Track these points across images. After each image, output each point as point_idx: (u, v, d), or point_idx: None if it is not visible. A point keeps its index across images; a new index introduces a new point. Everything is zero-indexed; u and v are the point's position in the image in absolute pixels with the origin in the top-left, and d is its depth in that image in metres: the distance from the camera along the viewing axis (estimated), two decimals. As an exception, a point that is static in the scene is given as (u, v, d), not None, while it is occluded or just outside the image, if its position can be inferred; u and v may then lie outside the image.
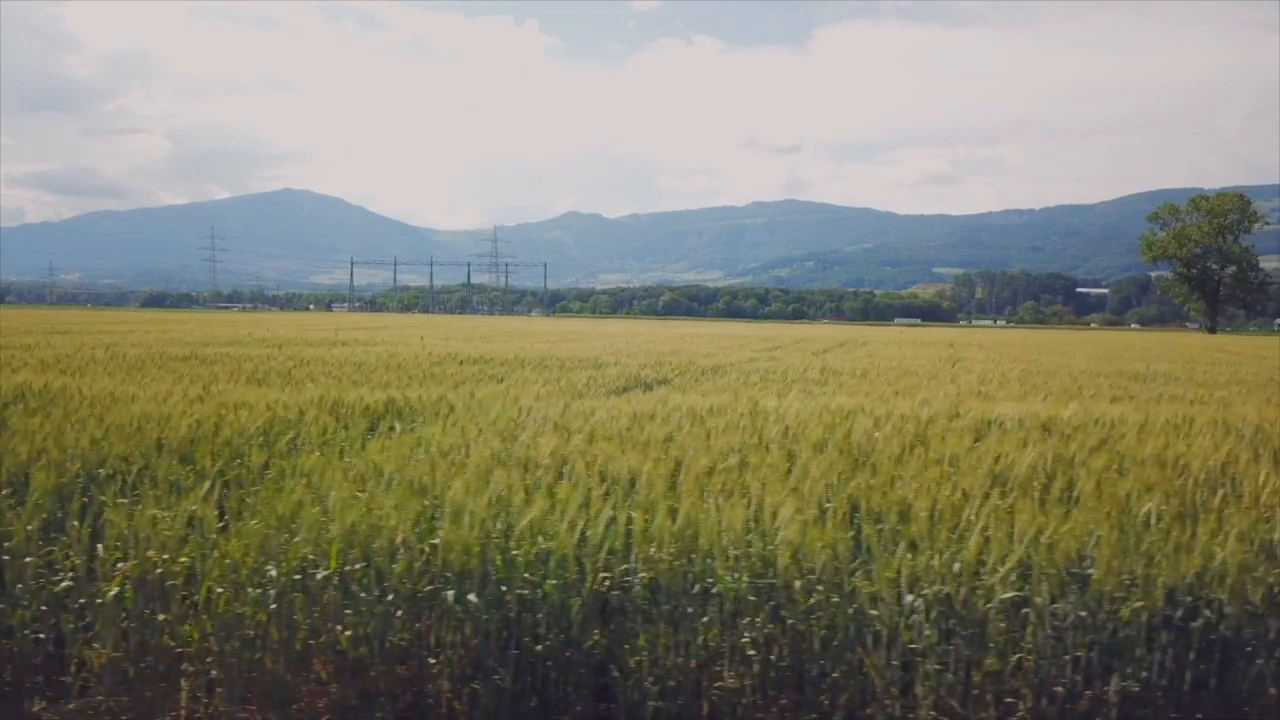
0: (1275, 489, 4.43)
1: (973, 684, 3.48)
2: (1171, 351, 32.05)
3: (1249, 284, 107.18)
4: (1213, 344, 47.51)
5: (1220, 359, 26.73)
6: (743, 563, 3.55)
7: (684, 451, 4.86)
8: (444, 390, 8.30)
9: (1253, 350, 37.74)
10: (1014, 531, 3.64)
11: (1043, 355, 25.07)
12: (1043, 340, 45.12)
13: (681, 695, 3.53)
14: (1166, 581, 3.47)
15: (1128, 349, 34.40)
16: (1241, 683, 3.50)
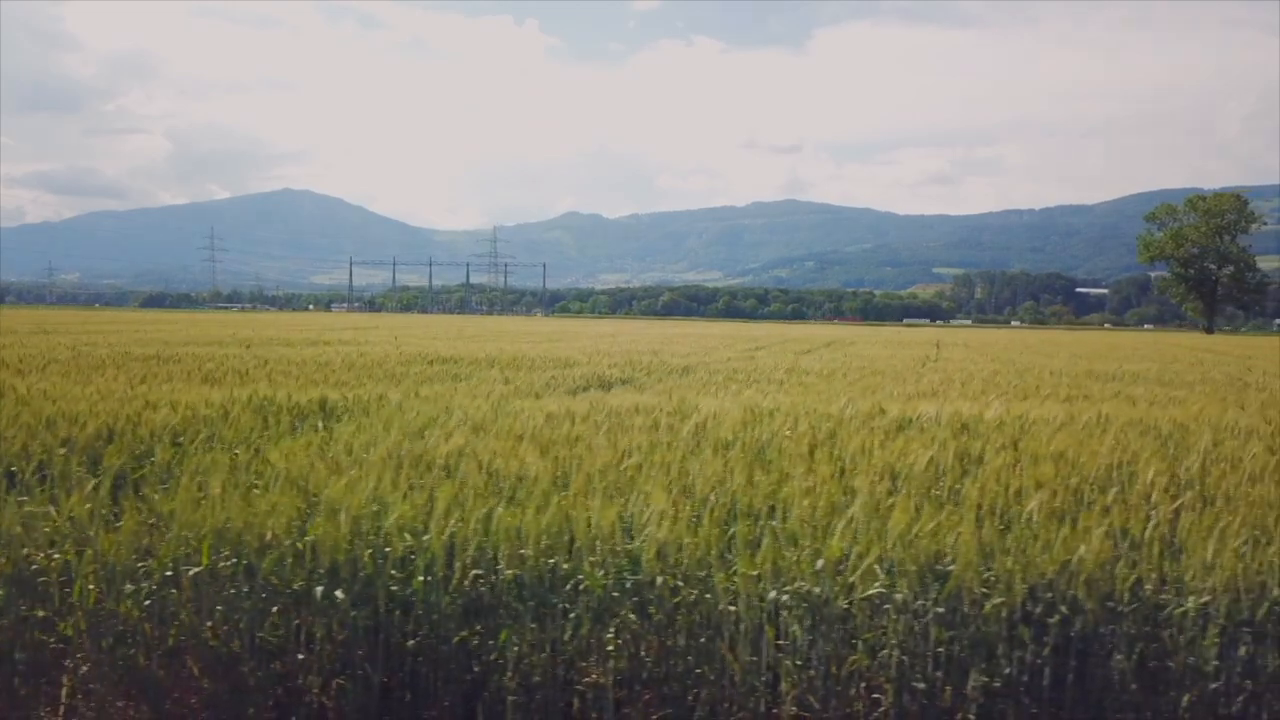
0: (1162, 488, 4.46)
1: (836, 680, 3.51)
2: (1157, 352, 32.06)
3: (1246, 284, 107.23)
4: (1203, 344, 47.52)
5: (1204, 359, 26.74)
6: (609, 560, 3.58)
7: (588, 450, 4.88)
8: (387, 389, 8.33)
9: (1242, 350, 37.75)
10: (885, 529, 3.66)
11: (1025, 355, 25.09)
12: (1033, 340, 45.13)
13: (546, 691, 3.55)
14: (1027, 578, 3.50)
15: (1115, 349, 34.41)
16: (1101, 679, 3.53)
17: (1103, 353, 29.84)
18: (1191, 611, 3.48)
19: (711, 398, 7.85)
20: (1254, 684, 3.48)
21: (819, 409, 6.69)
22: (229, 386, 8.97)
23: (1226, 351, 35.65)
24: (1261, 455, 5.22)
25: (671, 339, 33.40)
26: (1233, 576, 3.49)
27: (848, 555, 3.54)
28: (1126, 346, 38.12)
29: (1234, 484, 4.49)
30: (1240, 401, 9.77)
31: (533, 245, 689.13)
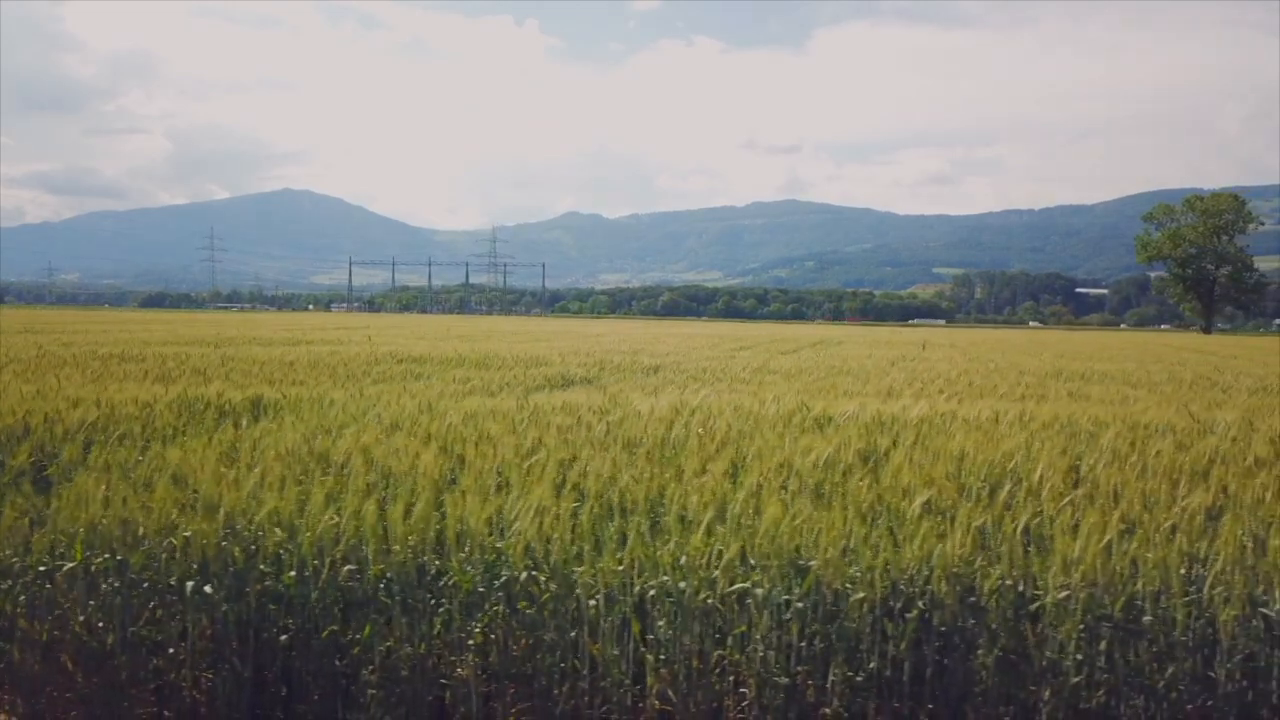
0: (1054, 484, 4.49)
1: (700, 675, 3.54)
2: (1144, 352, 32.09)
3: (1244, 284, 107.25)
4: (1194, 344, 47.53)
5: (1188, 359, 26.76)
6: (477, 556, 3.61)
7: (492, 448, 4.91)
8: (334, 388, 8.36)
9: (1231, 350, 37.77)
10: (755, 524, 3.70)
11: (1007, 355, 25.11)
12: (1024, 340, 45.15)
13: (414, 685, 3.59)
14: (889, 574, 3.53)
15: (1104, 349, 34.44)
16: (963, 673, 3.56)
17: (1088, 353, 29.85)
18: (1050, 606, 3.51)
19: (653, 396, 7.87)
20: (1113, 678, 3.52)
21: (748, 407, 6.71)
22: (180, 385, 8.99)
23: (1214, 351, 35.66)
24: (1167, 452, 5.25)
25: (658, 339, 33.42)
26: (1091, 570, 3.52)
27: (711, 550, 3.57)
28: (1115, 346, 38.14)
29: (1123, 480, 4.52)
30: (1190, 400, 9.80)
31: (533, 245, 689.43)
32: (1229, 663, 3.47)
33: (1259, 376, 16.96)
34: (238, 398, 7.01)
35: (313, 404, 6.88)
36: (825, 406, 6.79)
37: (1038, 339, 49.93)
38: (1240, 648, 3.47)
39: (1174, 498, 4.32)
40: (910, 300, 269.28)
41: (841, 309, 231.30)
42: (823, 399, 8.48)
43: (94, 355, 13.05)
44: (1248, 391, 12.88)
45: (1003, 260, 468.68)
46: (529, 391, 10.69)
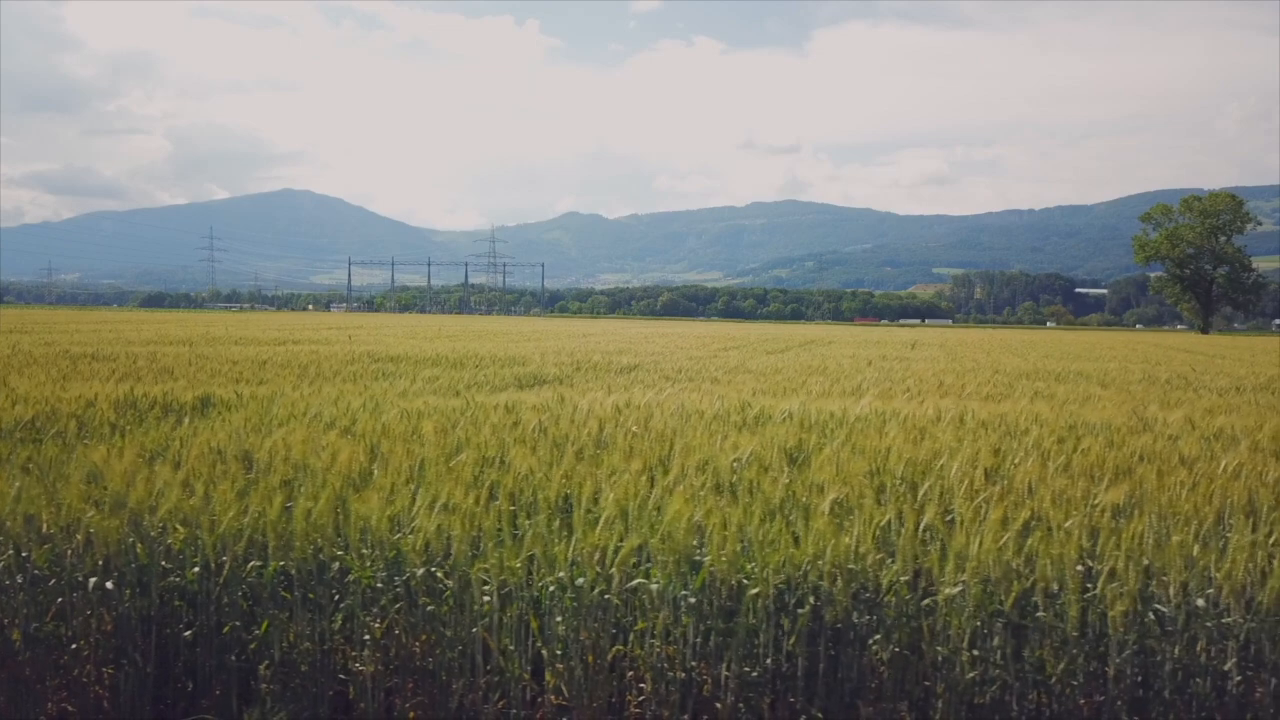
0: (974, 485, 4.52)
1: (597, 670, 3.57)
2: (1132, 352, 32.10)
3: (1242, 284, 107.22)
4: (1186, 344, 47.54)
5: (1173, 358, 26.81)
6: (376, 551, 3.64)
7: (419, 445, 4.94)
8: (293, 387, 8.39)
9: (1221, 350, 37.80)
10: (659, 522, 3.72)
11: (992, 355, 25.15)
12: (1016, 340, 45.18)
13: (315, 680, 3.61)
14: (783, 569, 3.56)
15: (1092, 349, 34.46)
16: (857, 668, 3.59)
17: (1077, 353, 29.88)
18: (942, 602, 3.53)
19: (607, 395, 7.89)
20: (1006, 674, 3.54)
21: (692, 406, 6.74)
22: (136, 384, 9.02)
23: (1204, 351, 35.69)
24: (1096, 450, 5.28)
25: (648, 339, 33.44)
26: (983, 566, 3.55)
27: (607, 547, 3.59)
28: (1105, 346, 38.16)
29: (1040, 477, 4.54)
30: (1153, 399, 9.84)
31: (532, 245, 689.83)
32: (1118, 658, 3.49)
33: (1238, 376, 17.00)
34: (188, 396, 7.04)
35: (261, 402, 6.90)
36: (768, 405, 6.82)
37: (1031, 339, 49.96)
38: (1131, 643, 3.50)
39: (1089, 495, 4.35)
40: (910, 300, 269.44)
41: (841, 309, 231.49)
42: (778, 398, 8.52)
43: (66, 355, 13.08)
44: (1218, 391, 12.92)
45: (1002, 260, 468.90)
46: (495, 390, 10.73)
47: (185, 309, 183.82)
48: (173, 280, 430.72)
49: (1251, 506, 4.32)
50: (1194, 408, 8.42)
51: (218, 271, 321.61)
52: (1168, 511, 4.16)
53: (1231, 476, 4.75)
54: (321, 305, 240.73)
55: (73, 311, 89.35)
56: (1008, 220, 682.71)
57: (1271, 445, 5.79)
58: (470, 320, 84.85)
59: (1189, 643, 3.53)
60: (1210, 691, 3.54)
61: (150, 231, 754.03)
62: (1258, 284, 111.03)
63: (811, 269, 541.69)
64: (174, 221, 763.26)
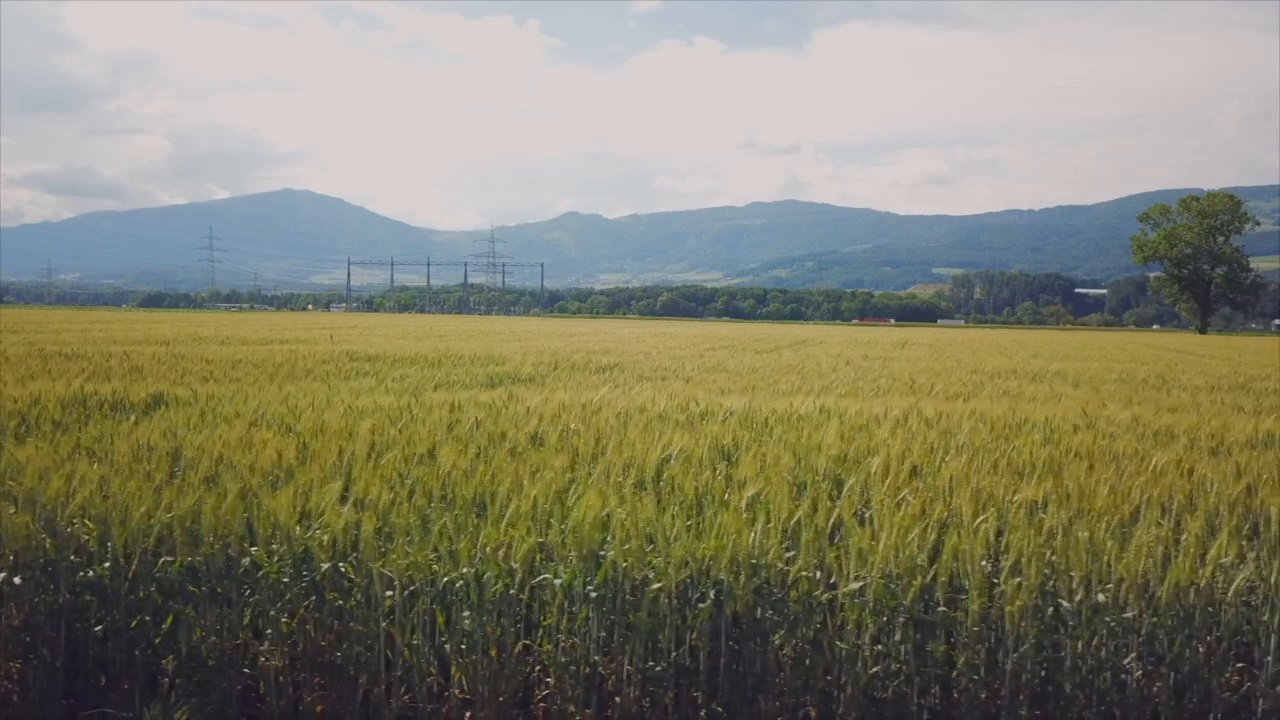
0: (897, 481, 4.54)
1: (502, 664, 3.59)
2: (1121, 352, 32.11)
3: (1240, 284, 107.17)
4: (1178, 344, 47.54)
5: (1161, 357, 26.84)
6: (283, 547, 3.66)
7: (348, 441, 4.97)
8: (255, 386, 8.41)
9: (1211, 350, 37.81)
10: (570, 515, 3.74)
11: (978, 355, 25.16)
12: (1006, 340, 45.19)
13: (222, 674, 3.64)
14: (688, 564, 3.58)
15: (1081, 349, 34.47)
16: (761, 663, 3.61)
17: (1065, 353, 29.88)
18: (842, 597, 3.55)
19: (563, 394, 7.92)
20: (906, 668, 3.56)
21: (643, 403, 6.76)
22: (107, 382, 9.05)
23: (1194, 351, 35.70)
24: (1028, 447, 5.30)
25: (639, 339, 33.47)
26: (885, 562, 3.57)
27: (511, 542, 3.61)
28: (1095, 346, 38.17)
29: (964, 474, 4.56)
30: (1116, 398, 9.85)
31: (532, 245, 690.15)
32: (1015, 653, 3.51)
33: (1217, 375, 17.03)
34: (142, 394, 7.06)
35: (213, 401, 6.92)
36: (716, 403, 6.84)
37: (1025, 339, 49.96)
38: (1032, 638, 3.52)
39: (1009, 491, 4.37)
40: (910, 301, 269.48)
41: (840, 309, 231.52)
42: (739, 396, 8.53)
43: (41, 354, 13.10)
44: (1191, 390, 12.94)
45: (1002, 260, 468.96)
46: (463, 389, 10.74)
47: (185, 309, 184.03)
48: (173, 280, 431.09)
49: (1171, 502, 4.34)
50: (1151, 406, 8.44)
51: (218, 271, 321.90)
52: (1083, 508, 4.18)
53: (1158, 473, 4.77)
54: (321, 305, 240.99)
55: (70, 312, 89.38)
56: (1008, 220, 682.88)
57: (1209, 443, 5.81)
58: (467, 320, 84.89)
59: (1090, 638, 3.55)
60: (1111, 687, 3.57)
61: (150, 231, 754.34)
62: (1256, 284, 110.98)
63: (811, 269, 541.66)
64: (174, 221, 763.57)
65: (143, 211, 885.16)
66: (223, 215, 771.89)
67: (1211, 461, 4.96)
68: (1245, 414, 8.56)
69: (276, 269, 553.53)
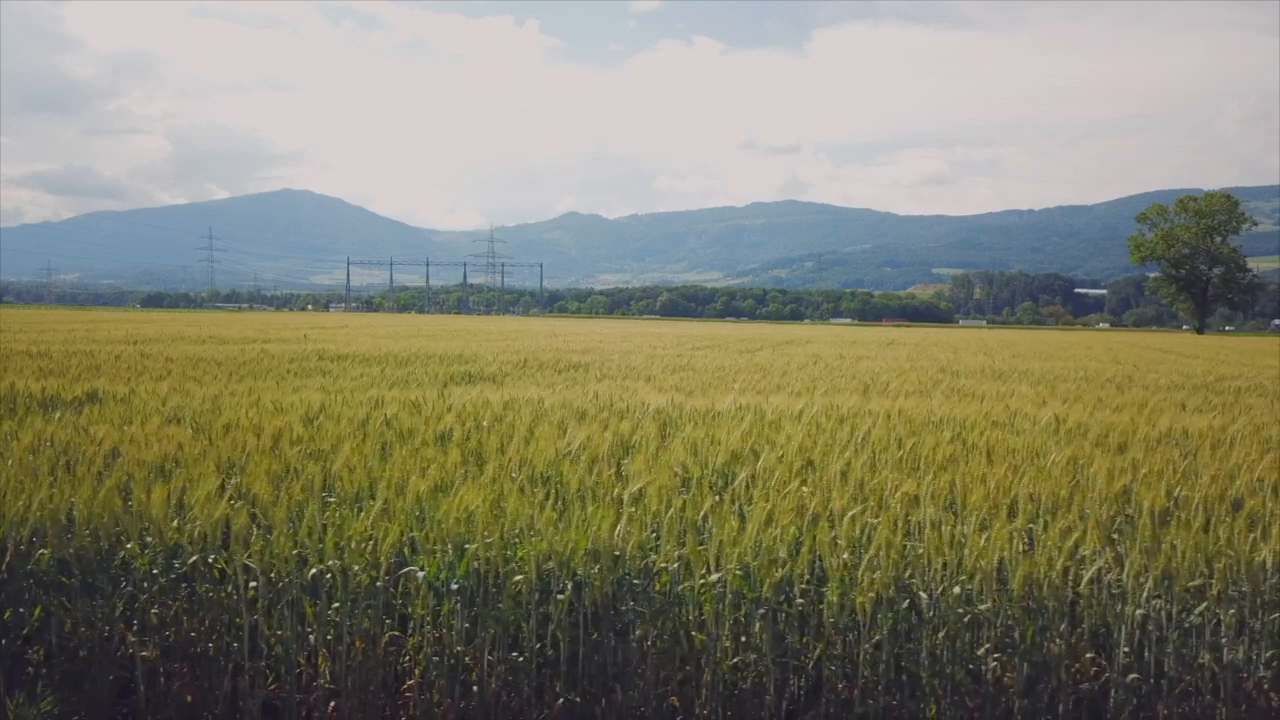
0: (787, 475, 4.59)
1: (371, 654, 3.65)
2: (1105, 353, 32.15)
3: (1237, 284, 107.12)
4: (1169, 344, 47.59)
5: (1139, 358, 26.89)
6: (156, 539, 3.72)
7: (253, 437, 5.02)
8: (206, 385, 8.47)
9: (1199, 350, 37.86)
10: (436, 509, 3.80)
11: (959, 355, 25.21)
12: (995, 339, 45.25)
13: (91, 665, 3.69)
14: (551, 557, 3.63)
15: (1066, 349, 34.53)
16: (623, 654, 3.66)
17: (1049, 352, 29.93)
18: (698, 589, 3.61)
19: (500, 391, 7.99)
20: (764, 659, 3.62)
21: (568, 400, 6.82)
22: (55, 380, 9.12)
23: (1179, 351, 35.74)
24: (934, 444, 5.35)
25: (626, 338, 33.54)
26: (745, 555, 3.62)
27: (377, 534, 3.67)
28: (1082, 346, 38.23)
29: (850, 469, 4.62)
30: (1058, 396, 9.91)
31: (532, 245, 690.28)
32: (868, 644, 3.57)
33: (1189, 375, 17.08)
34: (77, 391, 7.12)
35: (145, 398, 6.98)
36: (639, 401, 6.90)
37: (1016, 339, 50.02)
38: (887, 629, 3.57)
39: (894, 486, 4.43)
40: (909, 301, 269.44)
41: (840, 309, 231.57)
42: (683, 395, 8.59)
43: (3, 354, 13.16)
44: (1154, 388, 12.99)
45: (1002, 260, 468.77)
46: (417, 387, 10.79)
47: (184, 309, 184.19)
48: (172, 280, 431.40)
49: (1053, 498, 4.39)
50: (1090, 405, 8.50)
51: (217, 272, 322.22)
52: (958, 502, 4.24)
53: (1048, 469, 4.82)
54: (321, 305, 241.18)
55: (66, 311, 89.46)
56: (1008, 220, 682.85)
57: (1117, 439, 5.87)
58: (462, 320, 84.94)
59: (946, 630, 3.60)
60: (966, 677, 3.62)
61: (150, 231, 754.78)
62: (1253, 284, 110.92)
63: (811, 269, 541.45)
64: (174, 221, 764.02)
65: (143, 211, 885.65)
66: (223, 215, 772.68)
67: (1107, 457, 5.01)
68: (1186, 412, 8.62)
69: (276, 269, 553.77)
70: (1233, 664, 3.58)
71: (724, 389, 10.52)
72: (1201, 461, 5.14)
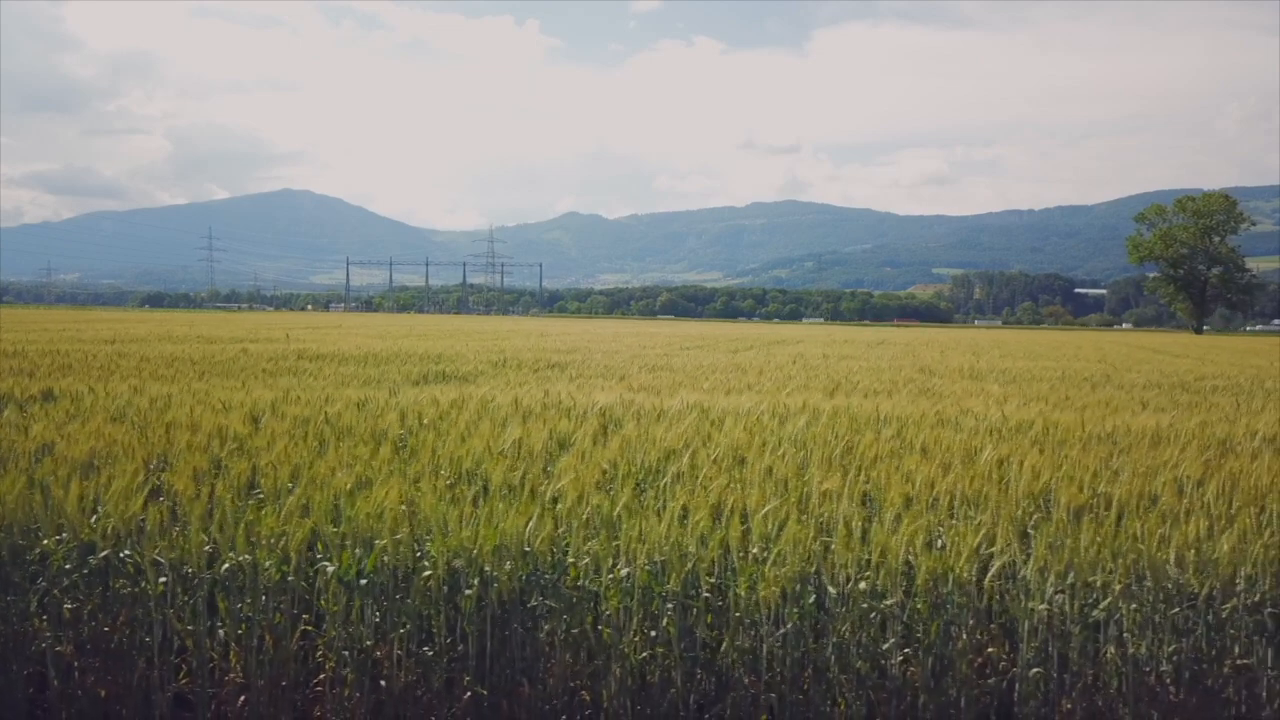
0: (715, 470, 4.62)
1: (279, 649, 3.68)
2: (1092, 352, 32.17)
3: (1236, 284, 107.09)
4: (1161, 344, 47.60)
5: (1125, 357, 26.93)
6: (70, 534, 3.75)
7: (184, 433, 5.06)
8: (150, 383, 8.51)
9: (1189, 350, 37.88)
10: (354, 505, 3.83)
11: (946, 354, 25.23)
12: (985, 339, 45.26)
13: (3, 660, 3.73)
14: (459, 553, 3.67)
15: (1056, 349, 34.53)
16: (530, 648, 3.69)
17: (1036, 352, 29.95)
18: (606, 584, 3.64)
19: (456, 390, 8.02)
20: (672, 653, 3.65)
21: (523, 400, 6.85)
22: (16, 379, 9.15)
23: (1170, 351, 35.76)
24: (872, 441, 5.37)
25: (617, 337, 33.59)
26: (655, 549, 3.65)
27: (289, 530, 3.70)
28: (1072, 346, 38.25)
29: (776, 463, 4.65)
30: (1022, 395, 9.94)
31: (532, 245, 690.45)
32: (770, 638, 3.60)
33: (1171, 374, 17.11)
34: (34, 390, 7.16)
35: (100, 397, 7.01)
36: (587, 400, 6.93)
37: (1007, 338, 50.03)
38: (791, 623, 3.60)
39: (818, 482, 4.45)
40: (909, 301, 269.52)
41: (840, 309, 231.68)
42: (642, 394, 8.63)
43: (-20, 351, 13.20)
44: (1127, 388, 13.02)
45: (1002, 260, 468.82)
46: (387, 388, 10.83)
47: (183, 309, 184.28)
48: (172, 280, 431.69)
49: (976, 496, 4.42)
50: (1049, 404, 8.53)
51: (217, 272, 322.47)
52: (876, 498, 4.27)
53: (981, 467, 4.85)
54: (321, 305, 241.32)
55: (63, 311, 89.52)
56: (1008, 220, 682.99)
57: (1059, 437, 5.90)
58: (459, 320, 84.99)
59: (852, 623, 3.63)
60: (873, 672, 3.65)
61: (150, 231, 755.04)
62: (1252, 284, 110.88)
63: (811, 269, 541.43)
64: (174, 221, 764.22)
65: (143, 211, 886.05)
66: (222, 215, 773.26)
67: (1039, 455, 5.04)
68: (1145, 410, 8.65)
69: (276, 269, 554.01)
70: (1135, 658, 3.61)
71: (692, 388, 10.55)
72: (1135, 459, 5.17)
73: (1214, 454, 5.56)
